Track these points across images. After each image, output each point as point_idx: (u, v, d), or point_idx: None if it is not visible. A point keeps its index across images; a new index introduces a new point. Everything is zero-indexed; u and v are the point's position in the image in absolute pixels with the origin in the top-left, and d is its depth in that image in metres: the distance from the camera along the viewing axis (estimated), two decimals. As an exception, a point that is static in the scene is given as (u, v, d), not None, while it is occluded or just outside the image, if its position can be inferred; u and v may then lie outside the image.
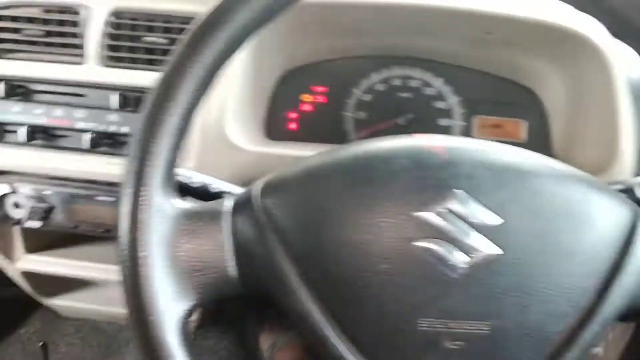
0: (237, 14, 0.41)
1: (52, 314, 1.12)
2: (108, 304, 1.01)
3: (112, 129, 0.80)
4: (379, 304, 0.39)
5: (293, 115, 0.90)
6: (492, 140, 0.81)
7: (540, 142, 0.87)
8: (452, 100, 0.89)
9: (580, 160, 0.79)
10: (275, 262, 0.41)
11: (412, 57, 0.89)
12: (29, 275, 0.95)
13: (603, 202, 0.41)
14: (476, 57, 0.87)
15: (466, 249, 0.38)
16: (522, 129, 0.88)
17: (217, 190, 0.58)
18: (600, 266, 0.39)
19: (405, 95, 0.89)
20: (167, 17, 0.79)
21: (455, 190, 0.39)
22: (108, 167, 0.79)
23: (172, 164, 0.41)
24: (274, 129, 0.90)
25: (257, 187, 0.44)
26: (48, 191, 0.82)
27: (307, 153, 0.74)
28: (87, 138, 0.78)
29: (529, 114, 0.88)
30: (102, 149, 0.81)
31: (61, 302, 1.02)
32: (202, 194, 0.57)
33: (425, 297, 0.39)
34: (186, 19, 0.78)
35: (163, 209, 0.40)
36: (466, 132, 0.89)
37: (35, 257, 0.93)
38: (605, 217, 0.40)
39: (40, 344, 1.21)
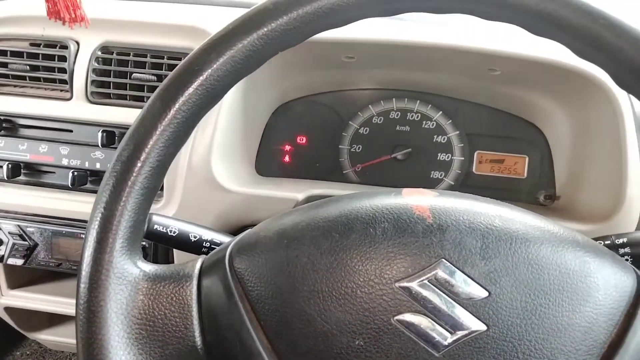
0: (214, 63, 0.38)
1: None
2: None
3: (97, 166, 0.77)
4: None
5: (287, 148, 0.89)
6: (492, 176, 0.86)
7: (542, 179, 0.85)
8: (452, 134, 0.87)
9: (584, 203, 0.76)
10: (244, 332, 0.37)
11: (411, 91, 0.87)
12: (11, 311, 0.92)
13: (603, 271, 0.37)
14: (477, 91, 0.85)
15: (450, 325, 0.35)
16: (523, 164, 0.86)
17: (197, 238, 0.55)
18: (598, 342, 0.36)
19: (403, 128, 0.88)
20: (157, 52, 0.76)
21: (440, 260, 0.36)
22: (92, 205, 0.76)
23: (138, 224, 0.38)
24: (266, 163, 0.88)
25: (229, 248, 0.41)
26: (31, 228, 0.80)
27: (295, 195, 0.73)
28: (71, 175, 0.75)
29: (530, 149, 0.85)
30: (86, 186, 0.78)
31: (45, 337, 0.99)
32: (182, 243, 0.54)
33: None
34: (176, 55, 0.76)
35: (124, 273, 0.37)
36: (466, 167, 0.87)
37: (17, 293, 0.91)
38: (605, 289, 0.37)
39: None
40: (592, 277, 0.37)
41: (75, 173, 0.76)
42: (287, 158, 0.89)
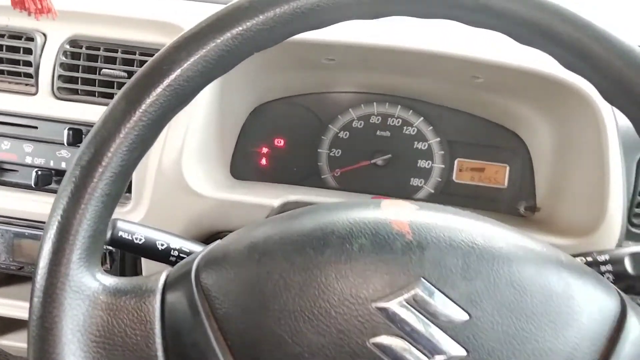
0: (184, 63, 0.36)
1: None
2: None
3: (63, 165, 0.74)
4: None
5: (264, 150, 0.86)
6: (472, 185, 0.85)
7: (522, 189, 0.84)
8: (432, 141, 0.85)
9: (565, 216, 0.75)
10: (210, 353, 0.35)
11: (392, 95, 0.86)
12: (-30, 316, 0.88)
13: (586, 294, 0.36)
14: (460, 99, 0.84)
15: (428, 349, 0.33)
16: (503, 174, 0.85)
17: (165, 246, 0.52)
18: None
19: (383, 133, 0.86)
20: (128, 48, 0.73)
21: (419, 279, 0.34)
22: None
23: (98, 234, 0.36)
24: (242, 166, 0.85)
25: (196, 261, 0.39)
26: (-9, 229, 0.75)
27: (271, 201, 0.70)
28: (34, 174, 0.72)
29: (512, 159, 0.84)
30: (50, 186, 0.74)
31: (7, 343, 0.94)
32: (148, 251, 0.51)
33: None
34: (149, 51, 0.73)
35: (81, 287, 0.35)
36: (446, 175, 0.85)
37: (-23, 297, 0.86)
38: (589, 312, 0.36)
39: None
40: (576, 300, 0.35)
41: (39, 172, 0.72)
42: (264, 161, 0.86)
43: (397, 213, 0.38)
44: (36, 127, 0.74)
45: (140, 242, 0.50)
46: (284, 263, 0.35)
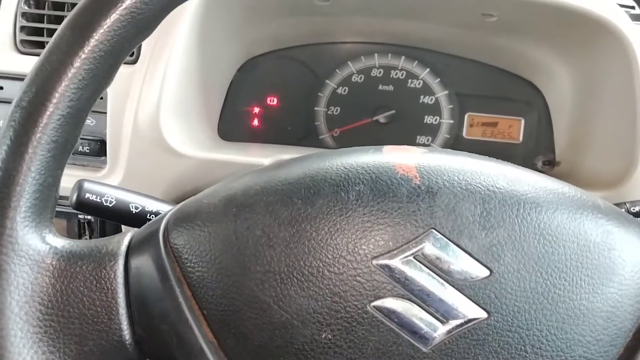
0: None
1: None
2: None
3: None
4: None
5: (255, 110, 0.80)
6: (484, 141, 0.78)
7: (539, 144, 0.78)
8: (440, 94, 0.79)
9: (590, 168, 0.68)
10: (182, 324, 0.31)
11: (396, 45, 0.79)
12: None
13: (629, 244, 0.32)
14: (470, 45, 0.77)
15: (441, 312, 0.29)
16: (518, 128, 0.79)
17: (140, 209, 0.47)
18: (623, 330, 0.31)
19: (386, 88, 0.80)
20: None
21: (429, 230, 0.30)
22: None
23: (47, 189, 0.32)
24: (231, 127, 0.79)
25: (164, 219, 0.35)
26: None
27: (261, 160, 0.63)
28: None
29: (527, 111, 0.79)
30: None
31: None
32: (121, 216, 0.47)
33: None
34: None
35: (28, 251, 0.31)
36: (455, 131, 0.79)
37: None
38: (632, 265, 0.31)
39: None
40: (617, 251, 0.31)
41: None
42: (255, 121, 0.80)
43: (401, 157, 0.33)
44: (1, 88, 0.68)
45: (110, 205, 0.46)
46: (267, 217, 0.31)
